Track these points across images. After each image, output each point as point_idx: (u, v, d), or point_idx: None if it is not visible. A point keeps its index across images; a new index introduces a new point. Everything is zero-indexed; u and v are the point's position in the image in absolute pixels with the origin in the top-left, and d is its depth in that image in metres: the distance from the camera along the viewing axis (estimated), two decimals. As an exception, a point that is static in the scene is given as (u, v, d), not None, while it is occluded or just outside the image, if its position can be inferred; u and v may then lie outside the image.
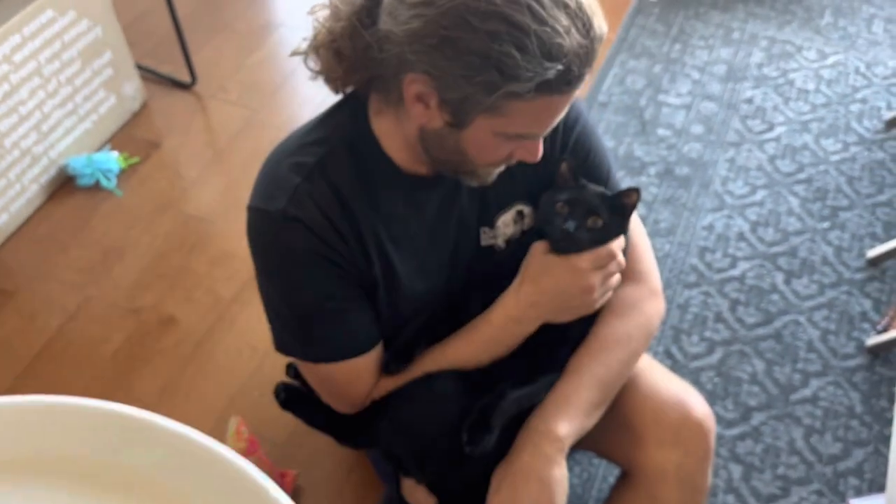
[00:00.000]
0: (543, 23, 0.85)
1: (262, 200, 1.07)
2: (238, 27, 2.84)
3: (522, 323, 1.15)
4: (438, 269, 1.19)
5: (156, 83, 2.61)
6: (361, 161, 1.07)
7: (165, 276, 2.10)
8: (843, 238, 2.14)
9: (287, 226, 1.04)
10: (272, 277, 1.12)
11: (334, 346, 1.14)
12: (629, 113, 2.48)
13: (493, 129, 0.96)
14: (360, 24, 0.98)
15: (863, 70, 2.61)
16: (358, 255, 1.09)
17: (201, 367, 1.91)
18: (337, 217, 1.06)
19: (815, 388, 1.85)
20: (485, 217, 1.19)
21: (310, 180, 1.04)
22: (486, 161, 1.03)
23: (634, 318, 1.21)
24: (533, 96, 0.89)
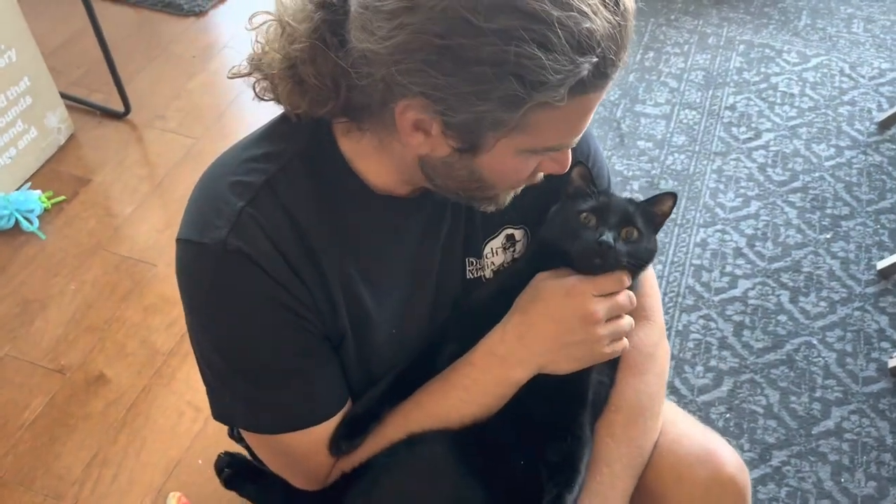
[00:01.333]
0: (567, 7, 0.66)
1: (196, 231, 0.83)
2: (176, 51, 2.61)
3: (509, 364, 0.90)
4: (421, 311, 0.96)
5: (85, 113, 2.37)
6: (323, 179, 0.85)
7: (94, 328, 1.83)
8: (848, 249, 1.96)
9: (228, 261, 0.80)
10: (209, 327, 0.87)
11: (290, 413, 0.89)
12: (606, 125, 2.30)
13: (517, 148, 0.77)
14: (323, 44, 0.76)
15: (847, 71, 2.47)
16: (319, 297, 0.85)
17: (136, 434, 1.64)
18: (292, 250, 0.82)
19: (838, 418, 1.65)
20: (471, 245, 0.97)
21: (256, 204, 0.82)
22: (508, 184, 0.84)
23: (654, 369, 1.00)
24: (566, 102, 0.70)
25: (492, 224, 0.97)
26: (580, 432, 0.93)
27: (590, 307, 0.88)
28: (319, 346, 0.88)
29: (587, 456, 0.92)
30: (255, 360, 0.86)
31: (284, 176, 0.83)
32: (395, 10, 0.68)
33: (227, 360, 0.87)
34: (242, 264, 0.80)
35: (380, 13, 0.69)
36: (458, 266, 0.97)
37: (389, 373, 0.95)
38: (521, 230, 1.00)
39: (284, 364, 0.86)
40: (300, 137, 0.85)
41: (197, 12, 2.72)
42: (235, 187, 0.83)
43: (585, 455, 0.92)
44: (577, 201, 0.92)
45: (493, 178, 0.81)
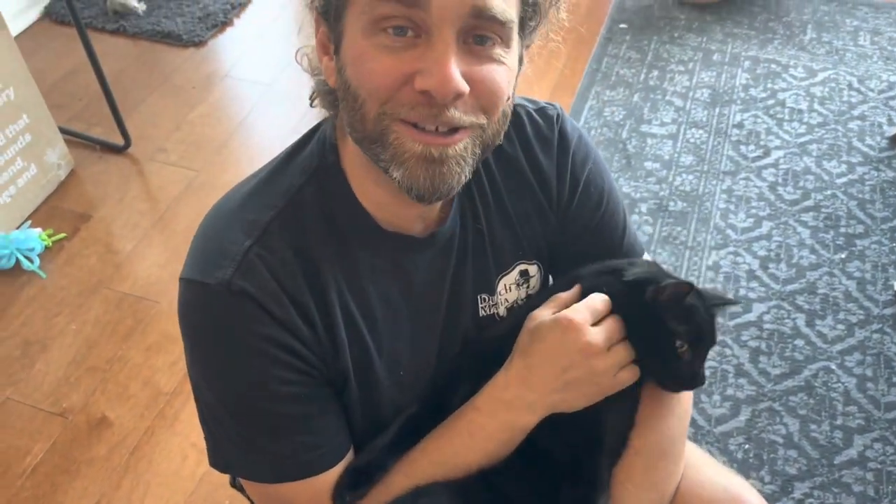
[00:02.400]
0: None
1: (200, 270, 0.80)
2: (176, 82, 2.59)
3: (515, 409, 0.86)
4: (428, 352, 0.92)
5: (85, 148, 2.35)
6: (333, 217, 0.82)
7: (96, 369, 1.80)
8: (864, 269, 1.92)
9: (233, 303, 0.77)
10: (209, 370, 0.83)
11: (291, 462, 0.85)
12: (611, 147, 2.26)
13: (359, 26, 0.71)
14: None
15: (856, 85, 2.44)
16: (325, 340, 0.82)
17: (139, 478, 1.60)
18: (300, 290, 0.79)
19: (861, 446, 1.60)
20: (483, 282, 0.93)
21: (263, 243, 0.79)
22: (371, 91, 0.72)
23: (676, 411, 0.94)
24: None
25: (505, 260, 0.94)
26: (595, 477, 0.88)
27: (587, 339, 0.82)
28: (322, 392, 0.85)
29: (603, 501, 0.88)
30: (256, 406, 0.82)
31: (293, 213, 0.81)
32: None
33: (225, 405, 0.83)
34: (247, 306, 0.77)
35: None
36: (468, 304, 0.93)
37: (398, 419, 0.91)
38: (534, 265, 0.96)
39: (286, 410, 0.82)
40: (309, 170, 0.83)
41: (196, 42, 2.71)
42: (242, 225, 0.80)
43: (600, 501, 0.87)
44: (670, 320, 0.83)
45: (353, 76, 0.73)
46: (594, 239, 0.96)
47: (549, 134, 0.94)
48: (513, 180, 0.93)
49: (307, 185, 0.82)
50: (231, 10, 2.82)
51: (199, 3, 2.85)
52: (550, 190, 0.92)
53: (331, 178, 0.83)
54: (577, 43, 2.63)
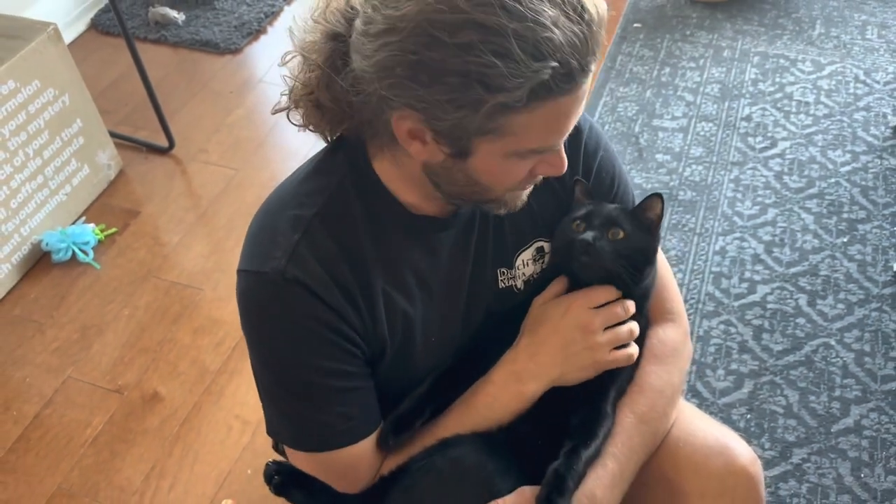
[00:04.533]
0: (522, 19, 0.73)
1: (257, 261, 0.92)
2: (215, 87, 2.76)
3: (523, 379, 1.00)
4: (454, 319, 1.05)
5: (132, 150, 2.52)
6: (367, 206, 0.95)
7: (147, 350, 1.96)
8: (865, 252, 2.01)
9: (288, 289, 0.90)
10: (265, 351, 0.97)
11: (333, 433, 0.98)
12: (624, 140, 2.38)
13: (501, 152, 0.84)
14: (333, 70, 0.87)
15: (862, 77, 2.52)
16: (367, 316, 0.95)
17: (189, 447, 1.76)
18: (343, 274, 0.92)
19: (857, 416, 1.70)
20: (502, 257, 1.06)
21: (310, 235, 0.92)
22: (505, 186, 0.91)
23: (677, 363, 1.08)
24: (532, 105, 0.78)
25: (523, 237, 1.06)
26: (603, 405, 1.01)
27: (585, 317, 0.98)
28: (362, 369, 0.98)
29: (606, 427, 1.00)
30: (304, 382, 0.95)
31: (333, 206, 0.93)
32: (378, 32, 0.78)
33: (278, 381, 0.97)
34: (300, 292, 0.89)
35: (367, 36, 0.79)
36: (490, 276, 1.06)
37: (432, 374, 1.05)
38: (549, 242, 1.08)
39: (330, 385, 0.95)
40: (343, 170, 0.96)
41: (233, 50, 2.87)
42: (290, 220, 0.92)
43: (604, 425, 1.00)
44: (573, 212, 1.03)
45: (489, 180, 0.89)
46: None
47: None
48: None
49: (343, 183, 0.95)
50: (264, 18, 2.98)
51: (235, 12, 3.02)
52: (564, 176, 0.98)
53: (363, 175, 0.95)
54: (593, 42, 2.74)
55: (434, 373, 1.05)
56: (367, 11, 0.80)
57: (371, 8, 0.79)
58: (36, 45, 2.07)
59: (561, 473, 0.93)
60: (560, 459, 0.95)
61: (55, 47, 2.13)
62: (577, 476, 0.95)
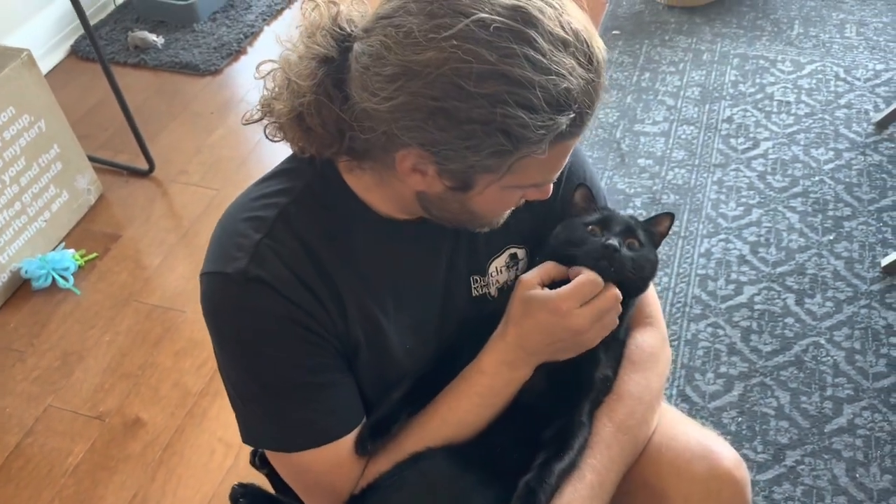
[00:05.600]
0: (547, 71, 0.74)
1: (219, 263, 0.91)
2: (196, 109, 2.75)
3: (516, 366, 0.98)
4: (428, 325, 1.04)
5: (113, 174, 2.51)
6: (331, 207, 0.93)
7: (129, 375, 1.93)
8: (852, 249, 1.99)
9: (250, 288, 0.89)
10: (234, 352, 0.95)
11: (312, 430, 0.96)
12: (606, 146, 2.37)
13: (503, 185, 0.86)
14: (327, 98, 0.86)
15: (843, 75, 2.52)
16: (336, 316, 0.93)
17: (172, 472, 1.73)
18: (308, 274, 0.90)
19: (850, 415, 1.67)
20: (475, 264, 1.04)
21: (273, 235, 0.90)
22: (497, 214, 0.95)
23: (655, 369, 1.06)
24: (547, 150, 0.80)
25: (496, 244, 1.04)
26: (578, 414, 0.98)
27: (575, 323, 0.93)
28: (337, 363, 0.96)
29: (582, 437, 0.97)
30: (278, 379, 0.93)
31: (296, 208, 0.92)
32: (394, 75, 0.76)
33: (251, 382, 0.94)
34: (263, 290, 0.88)
35: (380, 76, 0.78)
36: (463, 283, 1.04)
37: (409, 377, 1.02)
38: (522, 249, 1.06)
39: (306, 382, 0.93)
40: (308, 174, 0.94)
41: (213, 71, 2.87)
42: (252, 222, 0.91)
43: (580, 436, 0.97)
44: (581, 217, 1.00)
45: (483, 210, 0.90)
46: None
47: None
48: None
49: (308, 186, 0.93)
50: (244, 39, 2.98)
51: (214, 34, 3.02)
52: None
53: (330, 180, 0.93)
54: (573, 51, 2.74)
55: (410, 377, 1.03)
56: (371, 45, 0.79)
57: (379, 43, 0.78)
58: (9, 71, 2.05)
59: (532, 487, 0.91)
60: (532, 472, 0.93)
61: (29, 73, 2.11)
62: (550, 489, 0.92)
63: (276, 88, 0.91)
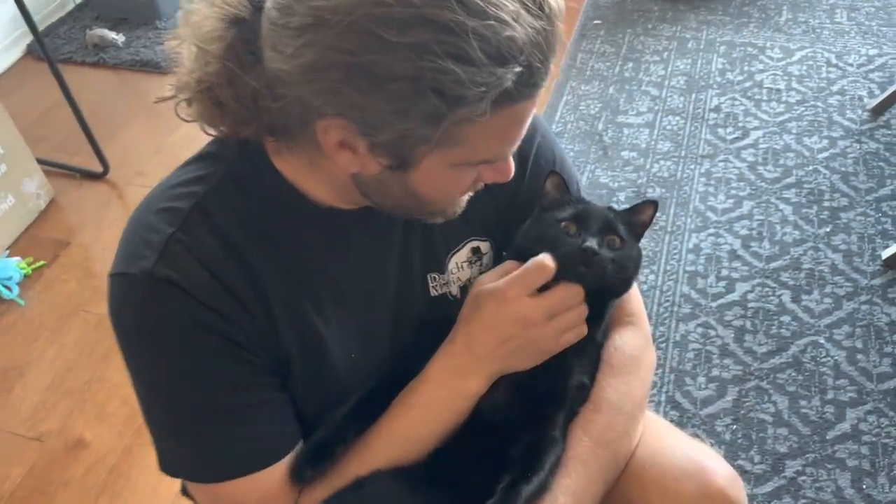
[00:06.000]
0: (482, 15, 0.62)
1: (125, 263, 0.79)
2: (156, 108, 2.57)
3: (464, 374, 0.84)
4: (379, 332, 0.90)
5: (65, 177, 2.36)
6: (257, 195, 0.81)
7: (74, 391, 1.78)
8: (850, 241, 1.87)
9: (158, 291, 0.76)
10: (141, 367, 0.81)
11: (235, 458, 0.82)
12: (588, 139, 2.24)
13: (447, 163, 0.73)
14: (237, 66, 0.73)
15: (834, 61, 2.41)
16: (263, 322, 0.80)
17: (117, 496, 1.58)
18: (228, 273, 0.78)
19: (854, 420, 1.54)
20: (432, 260, 0.91)
21: (187, 229, 0.78)
22: (447, 197, 0.81)
23: (638, 373, 0.93)
24: (492, 114, 0.67)
25: (455, 237, 0.92)
26: (549, 429, 0.86)
27: (522, 311, 0.82)
28: (264, 379, 0.82)
29: (554, 455, 0.85)
30: (194, 399, 0.79)
31: (215, 197, 0.79)
32: (301, 27, 0.64)
33: (164, 402, 0.81)
34: (173, 293, 0.75)
35: (287, 30, 0.65)
36: (418, 282, 0.91)
37: (356, 392, 0.88)
38: (486, 242, 0.94)
39: (226, 400, 0.80)
40: (231, 157, 0.81)
41: (174, 69, 2.73)
42: (164, 214, 0.79)
43: (552, 453, 0.85)
44: (554, 211, 0.87)
45: (429, 193, 0.77)
46: None
47: None
48: None
49: (229, 171, 0.80)
50: (207, 35, 2.84)
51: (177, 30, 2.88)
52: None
53: (256, 162, 0.80)
54: (552, 42, 2.62)
55: (358, 392, 0.89)
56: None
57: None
58: (-56, 66, 1.91)
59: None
60: (496, 497, 0.80)
61: (-33, 69, 1.97)
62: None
63: (187, 63, 0.78)
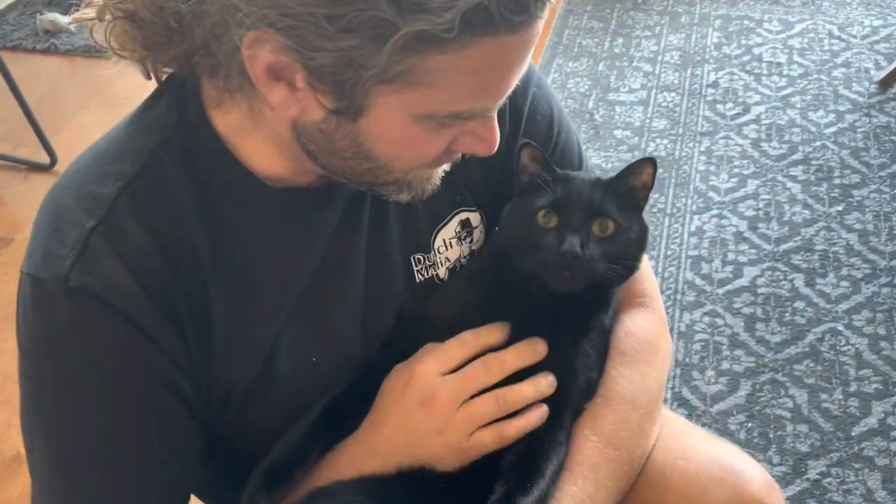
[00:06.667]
0: None
1: (35, 262, 0.65)
2: (109, 94, 2.44)
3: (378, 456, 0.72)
4: (348, 331, 0.75)
5: (10, 170, 2.19)
6: (196, 174, 0.67)
7: (12, 401, 1.60)
8: (865, 220, 1.75)
9: (71, 305, 0.63)
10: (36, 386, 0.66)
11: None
12: (578, 118, 2.10)
13: (409, 111, 0.59)
14: None
15: (837, 33, 2.30)
16: (196, 341, 0.66)
17: (56, 520, 1.40)
18: (161, 279, 0.64)
19: (881, 413, 1.43)
20: (415, 239, 0.77)
21: (112, 222, 0.64)
22: (409, 162, 0.65)
23: (654, 363, 0.80)
24: (464, 40, 0.53)
25: (441, 208, 0.77)
26: (551, 431, 0.72)
27: (427, 389, 0.70)
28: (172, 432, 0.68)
29: (556, 459, 0.72)
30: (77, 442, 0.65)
31: (146, 179, 0.64)
32: None
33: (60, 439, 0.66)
34: (90, 308, 0.63)
35: None
36: (397, 268, 0.76)
37: (317, 403, 0.74)
38: (476, 213, 0.79)
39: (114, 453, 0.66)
40: (164, 126, 0.66)
41: (132, 53, 2.56)
42: (84, 202, 0.64)
43: (553, 457, 0.71)
44: (532, 195, 0.72)
45: (386, 152, 0.62)
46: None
47: None
48: None
49: (164, 144, 0.65)
50: (168, 18, 2.68)
51: None
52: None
53: (195, 133, 0.65)
54: (536, 19, 2.48)
55: (321, 402, 0.74)
56: None
57: None
58: None
59: None
60: None
61: None
62: None
63: None
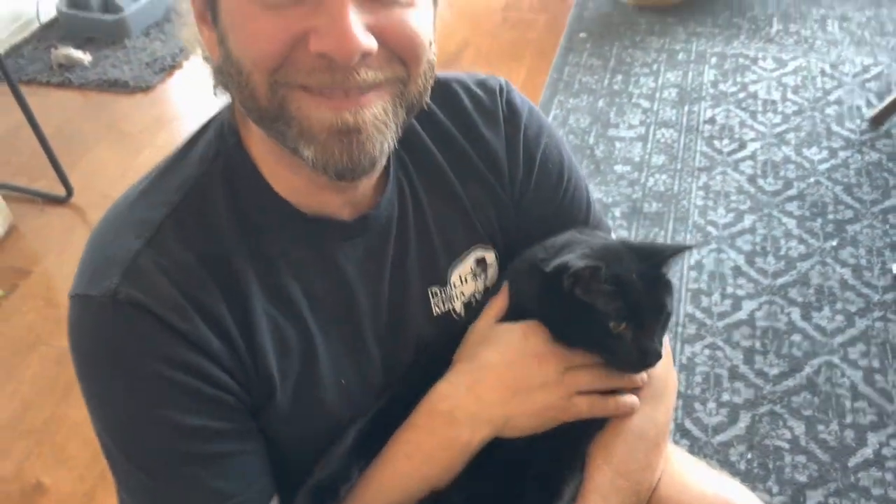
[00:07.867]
0: None
1: (85, 283, 0.67)
2: (123, 128, 2.49)
3: (457, 423, 0.73)
4: (371, 357, 0.78)
5: (27, 203, 2.22)
6: (241, 203, 0.70)
7: (31, 432, 1.63)
8: (858, 255, 1.78)
9: (121, 316, 0.65)
10: (101, 405, 0.69)
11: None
12: (579, 153, 2.15)
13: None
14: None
15: (829, 71, 2.34)
16: (243, 348, 0.68)
17: (76, 549, 1.43)
18: (206, 294, 0.67)
19: (876, 444, 1.44)
20: (432, 272, 0.80)
21: (158, 242, 0.67)
22: (261, 61, 0.61)
23: (664, 399, 0.82)
24: None
25: (457, 246, 0.80)
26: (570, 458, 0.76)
27: (543, 346, 0.72)
28: (239, 425, 0.70)
29: (573, 484, 0.74)
30: (156, 447, 0.67)
31: (191, 207, 0.68)
32: None
33: (120, 445, 0.69)
34: (139, 318, 0.64)
35: None
36: (417, 300, 0.79)
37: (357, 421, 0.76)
38: (491, 252, 0.83)
39: (194, 450, 0.68)
40: (208, 156, 0.71)
41: (144, 88, 2.61)
42: (131, 227, 0.67)
43: (571, 482, 0.74)
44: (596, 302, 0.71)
45: (239, 46, 0.61)
46: (558, 220, 0.84)
47: (492, 107, 0.81)
48: (452, 155, 0.79)
49: (206, 175, 0.69)
50: (179, 53, 2.73)
51: (147, 49, 2.77)
52: (500, 168, 0.80)
53: (234, 164, 0.70)
54: (537, 56, 2.54)
55: (358, 423, 0.76)
56: None
57: None
58: None
59: None
60: None
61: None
62: None
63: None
